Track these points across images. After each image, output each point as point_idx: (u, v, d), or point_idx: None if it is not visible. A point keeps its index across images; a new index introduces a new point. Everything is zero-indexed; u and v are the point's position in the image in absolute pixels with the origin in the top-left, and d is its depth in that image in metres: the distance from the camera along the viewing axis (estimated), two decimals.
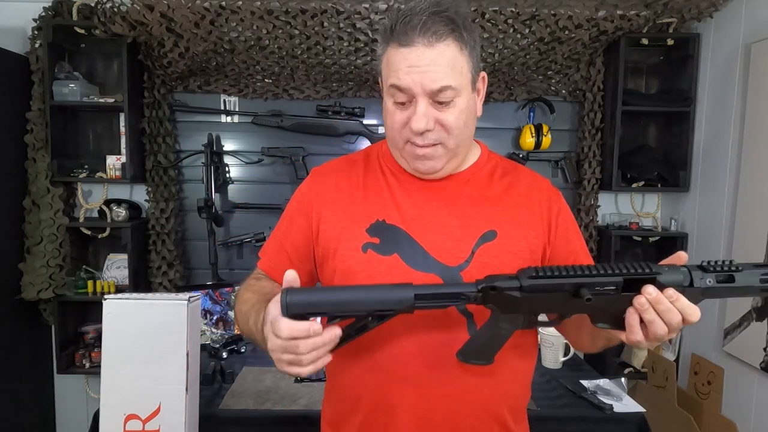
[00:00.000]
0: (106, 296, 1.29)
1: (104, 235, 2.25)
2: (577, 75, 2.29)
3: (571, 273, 0.71)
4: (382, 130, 0.93)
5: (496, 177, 0.96)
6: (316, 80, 2.29)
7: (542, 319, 0.79)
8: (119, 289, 2.22)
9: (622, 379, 1.78)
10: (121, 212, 2.21)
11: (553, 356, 1.89)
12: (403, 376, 0.86)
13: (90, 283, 2.21)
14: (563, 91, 2.36)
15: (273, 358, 0.73)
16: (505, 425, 0.90)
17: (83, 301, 2.24)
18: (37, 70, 2.12)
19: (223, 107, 2.33)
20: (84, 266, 2.28)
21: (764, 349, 1.76)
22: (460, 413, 0.87)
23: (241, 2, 1.96)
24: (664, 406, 2.01)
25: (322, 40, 2.06)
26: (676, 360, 2.20)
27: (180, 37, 1.98)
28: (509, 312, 0.76)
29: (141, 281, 2.26)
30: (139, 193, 2.35)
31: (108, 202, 2.26)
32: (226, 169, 2.34)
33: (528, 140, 2.29)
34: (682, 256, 0.74)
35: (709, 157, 2.14)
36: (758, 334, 1.78)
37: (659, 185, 2.29)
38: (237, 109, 2.33)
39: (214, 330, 2.18)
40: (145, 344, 1.28)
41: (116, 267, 2.28)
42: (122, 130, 2.19)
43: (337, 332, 0.73)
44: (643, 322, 0.71)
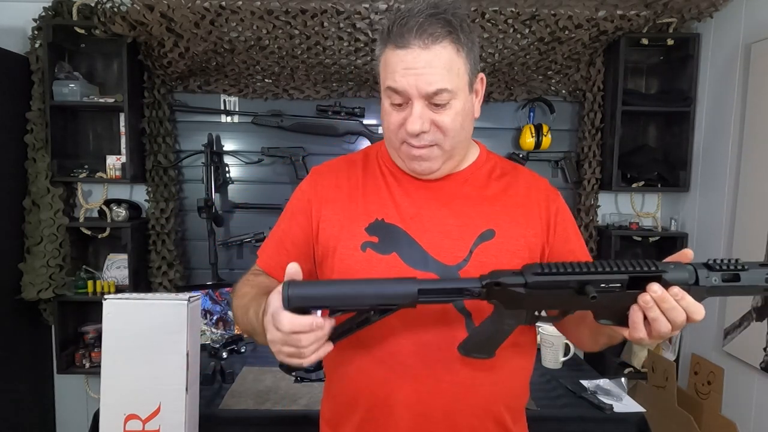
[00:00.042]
0: (106, 296, 1.30)
1: (104, 235, 2.25)
2: (577, 75, 2.29)
3: (576, 270, 0.71)
4: (382, 130, 0.93)
5: (494, 177, 0.96)
6: (316, 80, 2.29)
7: (545, 315, 0.78)
8: (119, 289, 2.22)
9: (622, 379, 1.78)
10: (121, 212, 2.21)
11: (553, 356, 1.89)
12: (401, 374, 0.86)
13: (90, 283, 2.21)
14: (563, 91, 2.36)
15: (272, 349, 0.73)
16: (504, 424, 0.91)
17: (83, 301, 2.24)
18: (37, 70, 2.12)
19: (223, 107, 2.33)
20: (84, 266, 2.28)
21: (764, 349, 1.76)
22: (458, 411, 0.87)
23: (241, 2, 1.96)
24: (664, 406, 2.01)
25: (322, 40, 2.06)
26: (676, 360, 2.20)
27: (180, 37, 1.98)
28: (513, 308, 0.75)
29: (141, 281, 2.26)
30: (139, 193, 2.35)
31: (108, 202, 2.27)
32: (226, 169, 2.34)
33: (528, 140, 2.29)
34: (687, 254, 0.73)
35: (709, 157, 2.14)
36: (758, 334, 1.78)
37: (659, 185, 2.29)
38: (237, 109, 2.33)
39: (214, 330, 2.18)
40: (145, 344, 1.28)
41: (116, 267, 2.28)
42: (122, 130, 2.19)
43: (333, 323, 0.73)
44: (646, 320, 0.70)
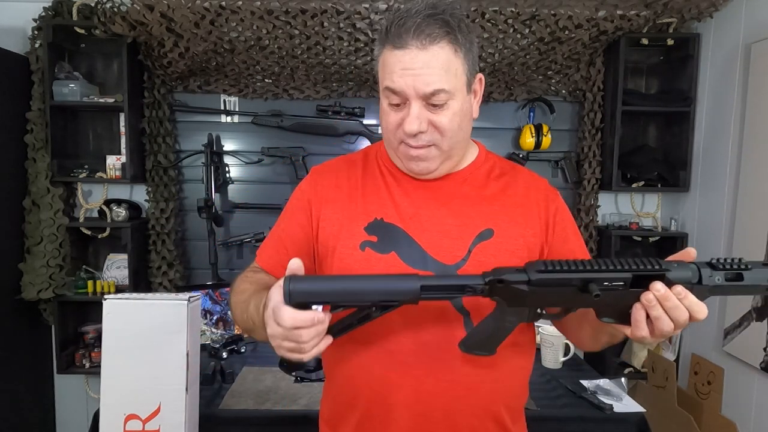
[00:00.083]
0: (106, 296, 1.30)
1: (104, 235, 2.25)
2: (577, 75, 2.29)
3: (579, 267, 0.70)
4: (381, 130, 0.93)
5: (493, 176, 0.96)
6: (316, 80, 2.29)
7: (547, 313, 0.78)
8: (119, 289, 2.22)
9: (622, 379, 1.78)
10: (121, 212, 2.21)
11: (553, 356, 1.89)
12: (400, 374, 0.86)
13: (90, 283, 2.21)
14: (563, 91, 2.36)
15: (272, 344, 0.72)
16: (503, 424, 0.91)
17: (83, 301, 2.24)
18: (37, 70, 2.12)
19: (223, 107, 2.33)
20: (84, 266, 2.28)
21: (764, 349, 1.76)
22: (457, 411, 0.87)
23: (241, 2, 1.96)
24: (664, 406, 2.01)
25: (322, 40, 2.06)
26: (676, 360, 2.20)
27: (180, 37, 1.98)
28: (516, 305, 0.75)
29: (141, 281, 2.26)
30: (139, 193, 2.35)
31: (108, 202, 2.26)
32: (226, 169, 2.34)
33: (528, 140, 2.29)
34: (691, 252, 0.73)
35: (709, 157, 2.14)
36: (758, 334, 1.78)
37: (659, 185, 2.29)
38: (237, 109, 2.33)
39: (214, 330, 2.18)
40: (145, 344, 1.28)
41: (116, 267, 2.28)
42: (122, 130, 2.19)
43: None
44: (649, 318, 0.70)
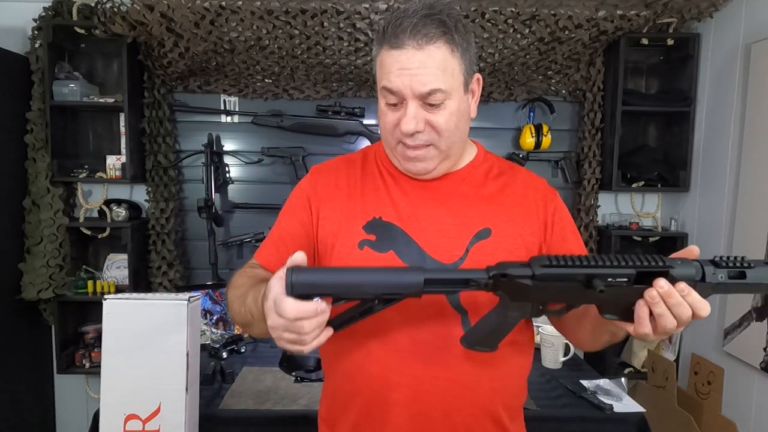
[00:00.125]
0: (106, 296, 1.30)
1: (104, 235, 2.25)
2: (577, 75, 2.29)
3: (584, 263, 0.71)
4: (379, 130, 0.94)
5: (491, 176, 0.97)
6: (316, 80, 2.29)
7: (550, 308, 0.78)
8: (119, 289, 2.22)
9: (622, 379, 1.78)
10: (121, 212, 2.21)
11: (553, 356, 1.89)
12: (398, 373, 0.86)
13: (90, 283, 2.21)
14: (563, 91, 2.36)
15: (273, 335, 0.72)
16: (501, 423, 0.91)
17: (83, 301, 2.24)
18: (37, 70, 2.12)
19: (223, 107, 2.33)
20: (84, 266, 2.28)
21: (764, 349, 1.76)
22: (455, 410, 0.87)
23: (241, 2, 1.96)
24: (664, 406, 2.01)
25: (322, 40, 2.06)
26: (676, 360, 2.20)
27: (180, 37, 1.98)
28: (519, 300, 0.75)
29: (141, 281, 2.26)
30: (139, 193, 2.35)
31: (108, 202, 2.26)
32: (226, 169, 2.34)
33: (528, 140, 2.29)
34: (694, 250, 0.73)
35: (709, 157, 2.14)
36: (758, 334, 1.78)
37: (659, 185, 2.29)
38: (237, 109, 2.33)
39: (214, 330, 2.18)
40: (145, 344, 1.28)
41: (116, 267, 2.28)
42: (122, 130, 2.19)
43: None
44: (652, 315, 0.70)
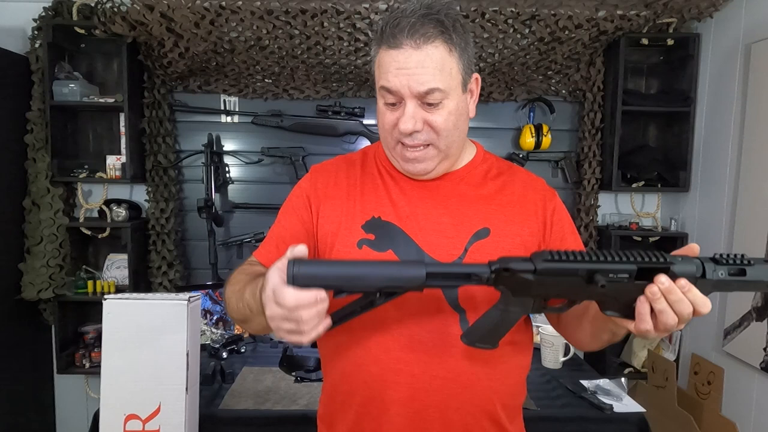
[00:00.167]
0: (106, 296, 1.30)
1: (104, 235, 2.25)
2: (577, 75, 2.29)
3: (586, 258, 0.71)
4: (378, 130, 0.94)
5: (490, 176, 0.97)
6: (316, 80, 2.29)
7: (551, 305, 0.78)
8: (119, 289, 2.22)
9: (622, 379, 1.78)
10: (121, 212, 2.21)
11: (553, 356, 1.89)
12: (396, 372, 0.86)
13: (90, 283, 2.21)
14: (563, 91, 2.36)
15: (272, 326, 0.71)
16: (499, 422, 0.90)
17: (83, 301, 2.24)
18: (37, 70, 2.12)
19: (223, 107, 2.33)
20: (84, 266, 2.28)
21: (764, 349, 1.76)
22: (453, 409, 0.87)
23: (241, 2, 1.96)
24: (664, 406, 2.01)
25: (322, 40, 2.06)
26: (676, 360, 2.20)
27: (180, 37, 1.98)
28: (520, 295, 0.75)
29: (141, 281, 2.26)
30: (139, 193, 2.35)
31: (108, 202, 2.26)
32: (226, 169, 2.34)
33: (528, 140, 2.29)
34: (694, 248, 0.74)
35: (709, 157, 2.14)
36: (758, 334, 1.78)
37: (659, 185, 2.29)
38: (237, 109, 2.33)
39: (214, 330, 2.18)
40: (145, 344, 1.28)
41: (116, 267, 2.28)
42: (122, 130, 2.18)
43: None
44: (653, 312, 0.70)
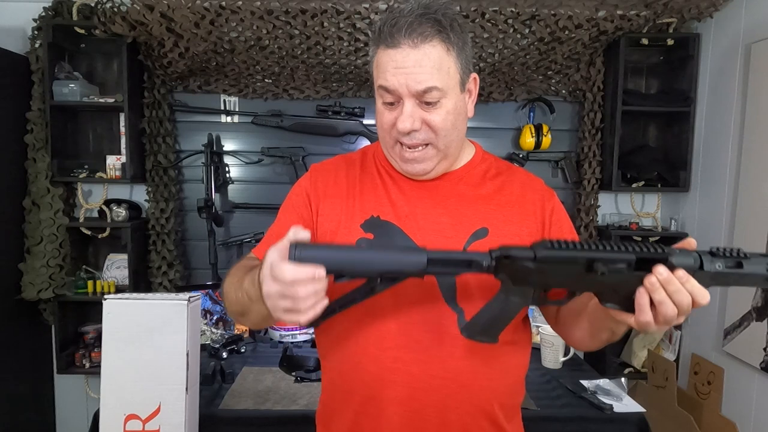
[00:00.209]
0: (106, 296, 1.30)
1: (104, 235, 2.25)
2: (577, 75, 2.29)
3: (585, 247, 0.72)
4: (377, 130, 0.94)
5: (489, 176, 0.97)
6: (316, 80, 2.29)
7: (551, 298, 0.78)
8: (119, 289, 2.22)
9: (622, 379, 1.78)
10: (121, 212, 2.21)
11: (553, 356, 1.89)
12: (394, 371, 0.86)
13: (90, 283, 2.21)
14: (563, 91, 2.36)
15: (268, 305, 0.71)
16: (497, 422, 0.90)
17: (83, 301, 2.24)
18: (37, 70, 2.12)
19: (223, 107, 2.33)
20: (84, 266, 2.28)
21: (764, 349, 1.76)
22: (451, 408, 0.87)
23: (241, 2, 1.96)
24: (664, 406, 2.01)
25: (322, 40, 2.06)
26: (676, 360, 2.20)
27: (180, 37, 1.98)
28: (520, 284, 0.75)
29: (141, 281, 2.26)
30: (139, 193, 2.35)
31: (108, 202, 2.26)
32: (226, 169, 2.34)
33: (528, 140, 2.29)
34: (692, 242, 0.74)
35: (709, 157, 2.14)
36: (758, 334, 1.78)
37: (659, 185, 2.29)
38: (237, 109, 2.33)
39: (214, 330, 2.18)
40: (145, 344, 1.28)
41: (116, 267, 2.28)
42: (122, 130, 2.19)
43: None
44: (653, 304, 0.71)
